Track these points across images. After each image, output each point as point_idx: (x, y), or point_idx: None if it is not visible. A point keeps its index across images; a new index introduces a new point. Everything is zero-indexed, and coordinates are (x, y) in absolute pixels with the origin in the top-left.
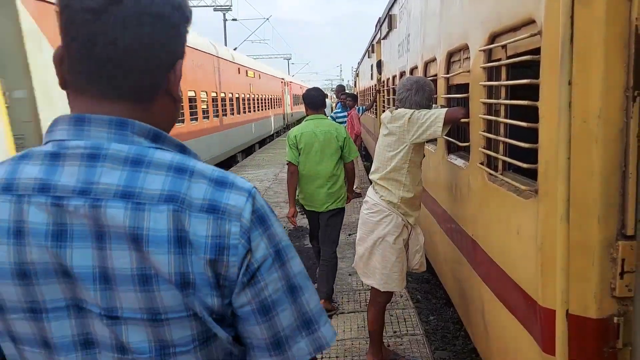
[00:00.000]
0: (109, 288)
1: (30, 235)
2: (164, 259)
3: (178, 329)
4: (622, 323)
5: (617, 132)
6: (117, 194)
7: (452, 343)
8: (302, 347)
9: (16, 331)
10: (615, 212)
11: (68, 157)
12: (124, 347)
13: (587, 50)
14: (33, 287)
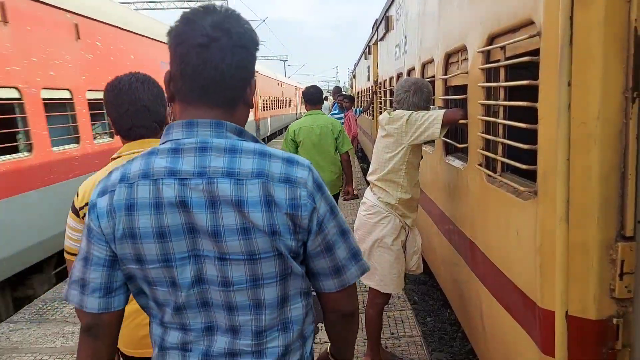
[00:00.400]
0: (220, 239)
1: (166, 206)
2: (258, 216)
3: (266, 266)
4: (622, 324)
5: (616, 133)
6: (223, 174)
7: (450, 344)
8: (353, 271)
9: (151, 277)
10: (614, 213)
11: (185, 150)
12: (227, 282)
13: (587, 52)
14: (167, 243)
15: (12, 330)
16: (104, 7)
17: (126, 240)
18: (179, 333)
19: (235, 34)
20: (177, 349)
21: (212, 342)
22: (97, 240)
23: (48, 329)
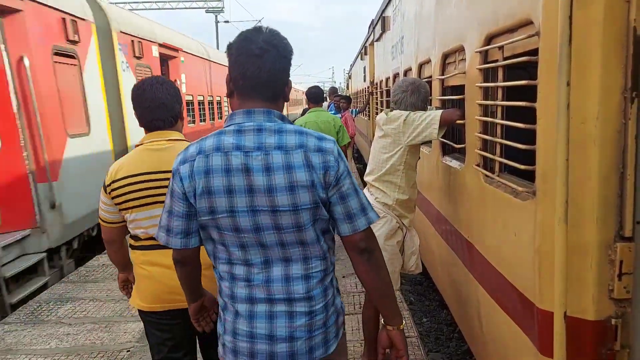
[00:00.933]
0: (273, 195)
1: (233, 171)
2: (302, 174)
3: (305, 215)
4: (620, 325)
5: (615, 133)
6: (275, 147)
7: (446, 345)
8: (362, 220)
9: (221, 224)
10: (613, 213)
11: (246, 131)
12: (279, 227)
13: (586, 52)
14: (233, 198)
15: (6, 331)
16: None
17: (204, 196)
18: (243, 267)
19: (280, 48)
20: (243, 279)
21: (270, 271)
22: (178, 199)
23: (43, 330)
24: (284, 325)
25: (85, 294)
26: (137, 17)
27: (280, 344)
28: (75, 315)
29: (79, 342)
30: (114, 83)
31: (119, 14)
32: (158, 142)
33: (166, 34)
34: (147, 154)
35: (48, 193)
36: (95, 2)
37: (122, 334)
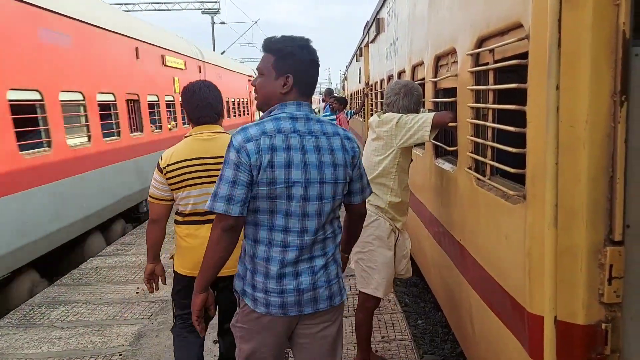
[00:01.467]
0: (322, 170)
1: (292, 149)
2: (340, 156)
3: (340, 188)
4: (610, 329)
5: (605, 136)
6: (321, 133)
7: (441, 347)
8: (367, 191)
9: (276, 193)
10: (603, 217)
11: (298, 118)
12: (321, 197)
13: (575, 55)
14: (290, 172)
15: None
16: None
17: (267, 169)
18: (282, 234)
19: (318, 58)
20: (280, 245)
21: (303, 240)
22: (244, 170)
23: (35, 334)
24: (308, 279)
25: (78, 297)
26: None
27: (305, 293)
28: (68, 318)
29: (71, 345)
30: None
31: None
32: (205, 134)
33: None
34: (197, 143)
35: None
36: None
37: (114, 338)
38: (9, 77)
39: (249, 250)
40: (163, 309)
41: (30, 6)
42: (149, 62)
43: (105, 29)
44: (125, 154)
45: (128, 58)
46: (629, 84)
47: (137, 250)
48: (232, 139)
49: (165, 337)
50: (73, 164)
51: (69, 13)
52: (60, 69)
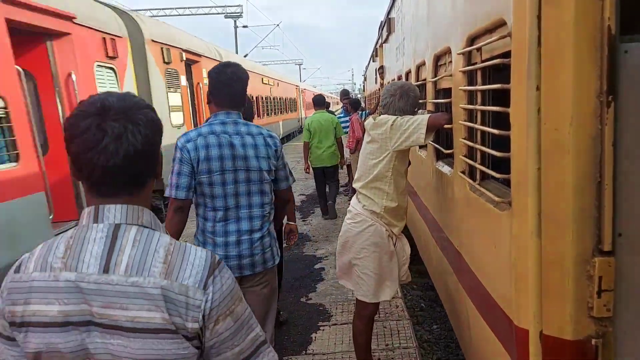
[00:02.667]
0: (248, 160)
1: (223, 145)
2: (263, 150)
3: (265, 174)
4: (601, 345)
5: (591, 140)
6: (246, 133)
7: (455, 353)
8: (290, 179)
9: (213, 180)
10: (590, 226)
11: (227, 123)
12: (248, 180)
13: (557, 53)
14: (223, 162)
15: None
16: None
17: (204, 161)
18: (222, 211)
19: (245, 76)
20: (222, 220)
21: (239, 213)
22: (186, 164)
23: None
24: (247, 247)
25: None
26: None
27: (245, 259)
28: None
29: None
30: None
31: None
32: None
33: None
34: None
35: None
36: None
37: None
38: None
39: (199, 226)
40: None
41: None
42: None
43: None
44: None
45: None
46: (616, 83)
47: None
48: (177, 141)
49: None
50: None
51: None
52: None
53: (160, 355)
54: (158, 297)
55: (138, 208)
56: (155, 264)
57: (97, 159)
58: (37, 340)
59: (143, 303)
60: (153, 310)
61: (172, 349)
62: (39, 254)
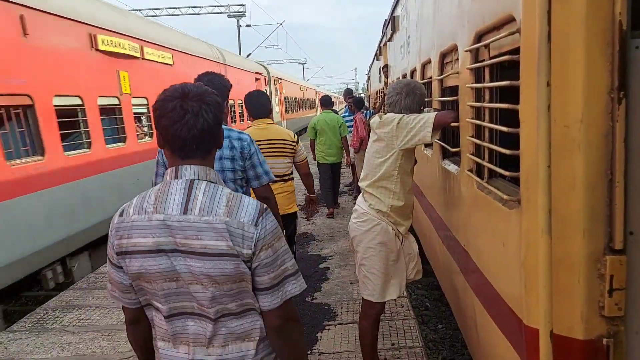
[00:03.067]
0: (222, 161)
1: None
2: (229, 152)
3: (239, 172)
4: (613, 345)
5: (602, 137)
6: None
7: (461, 352)
8: (263, 180)
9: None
10: (602, 224)
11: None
12: (224, 176)
13: (567, 49)
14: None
15: (10, 340)
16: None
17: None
18: None
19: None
20: None
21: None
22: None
23: (46, 339)
24: None
25: (92, 301)
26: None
27: None
28: (80, 323)
29: (80, 351)
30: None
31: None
32: (261, 125)
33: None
34: (257, 130)
35: None
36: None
37: (123, 343)
38: None
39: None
40: None
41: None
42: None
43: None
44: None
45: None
46: (627, 79)
47: None
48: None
49: None
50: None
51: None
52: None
53: (224, 272)
54: (223, 230)
55: (206, 168)
56: (220, 207)
57: (181, 131)
58: (138, 264)
59: (212, 235)
60: (219, 240)
61: (232, 268)
62: (136, 203)
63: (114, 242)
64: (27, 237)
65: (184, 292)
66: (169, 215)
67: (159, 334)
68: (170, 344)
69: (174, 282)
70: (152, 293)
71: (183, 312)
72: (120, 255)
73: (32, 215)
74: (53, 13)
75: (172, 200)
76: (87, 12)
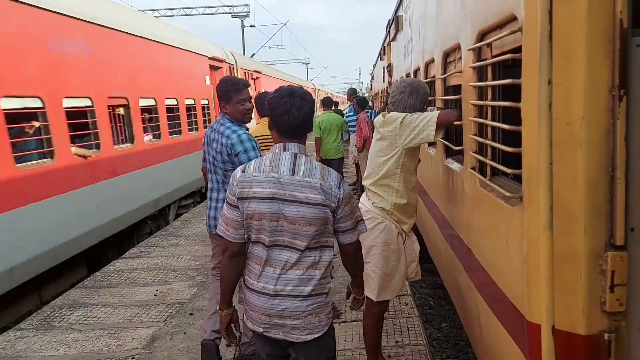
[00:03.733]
0: (214, 155)
1: (206, 143)
2: (219, 146)
3: (228, 164)
4: (614, 340)
5: (603, 134)
6: (218, 132)
7: (465, 351)
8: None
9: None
10: (603, 220)
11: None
12: (215, 168)
13: (568, 47)
14: (205, 154)
15: (17, 337)
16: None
17: (205, 148)
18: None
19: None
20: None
21: (218, 185)
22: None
23: (53, 337)
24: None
25: (98, 299)
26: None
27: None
28: (86, 321)
29: (86, 348)
30: None
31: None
32: (265, 122)
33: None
34: (260, 126)
35: None
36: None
37: (129, 341)
38: None
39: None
40: (179, 311)
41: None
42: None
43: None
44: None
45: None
46: (628, 77)
47: (159, 253)
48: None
49: (179, 341)
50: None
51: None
52: None
53: (317, 217)
54: (319, 188)
55: (303, 146)
56: (316, 173)
57: (288, 119)
58: (254, 206)
59: (312, 190)
60: (316, 194)
61: (322, 214)
62: (255, 164)
63: (235, 190)
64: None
65: (283, 230)
66: (281, 174)
67: (255, 260)
68: (262, 267)
69: (276, 222)
70: (259, 229)
71: (280, 244)
72: (240, 200)
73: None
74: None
75: (282, 165)
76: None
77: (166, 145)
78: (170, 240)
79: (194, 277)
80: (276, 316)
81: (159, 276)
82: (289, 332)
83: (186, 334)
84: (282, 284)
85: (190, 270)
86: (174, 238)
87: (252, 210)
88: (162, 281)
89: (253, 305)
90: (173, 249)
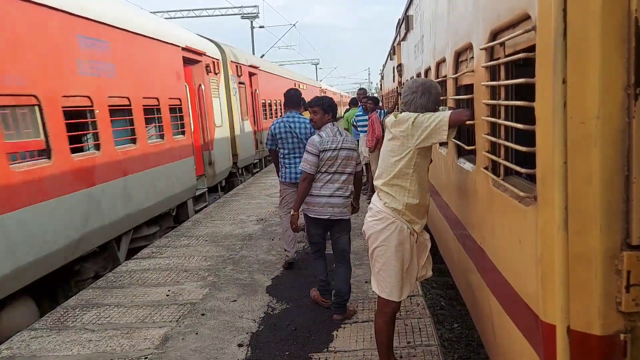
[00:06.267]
0: (300, 138)
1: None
2: (304, 131)
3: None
4: (630, 340)
5: (618, 133)
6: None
7: (477, 351)
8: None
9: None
10: (618, 220)
11: (289, 117)
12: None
13: (583, 46)
14: (289, 138)
15: (32, 337)
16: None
17: (282, 135)
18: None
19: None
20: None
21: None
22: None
23: (67, 337)
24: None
25: (111, 299)
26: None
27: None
28: (99, 321)
29: (100, 348)
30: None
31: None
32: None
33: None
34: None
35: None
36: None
37: (141, 341)
38: None
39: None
40: (191, 311)
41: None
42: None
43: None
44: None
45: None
46: None
47: (171, 253)
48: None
49: (191, 341)
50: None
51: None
52: None
53: (353, 157)
54: (349, 142)
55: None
56: (349, 137)
57: (332, 111)
58: (328, 154)
59: (349, 145)
60: (351, 145)
61: (356, 155)
62: (324, 134)
63: (318, 146)
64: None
65: (339, 164)
66: (336, 138)
67: (322, 182)
68: (325, 183)
69: (335, 160)
70: (329, 164)
71: (337, 171)
72: (321, 151)
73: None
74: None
75: (336, 133)
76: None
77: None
78: (181, 241)
79: (205, 277)
80: (328, 205)
81: (170, 276)
82: (336, 215)
83: (198, 334)
84: (335, 190)
85: (201, 271)
86: (186, 239)
87: (327, 157)
88: (174, 281)
89: (317, 203)
90: (184, 249)
